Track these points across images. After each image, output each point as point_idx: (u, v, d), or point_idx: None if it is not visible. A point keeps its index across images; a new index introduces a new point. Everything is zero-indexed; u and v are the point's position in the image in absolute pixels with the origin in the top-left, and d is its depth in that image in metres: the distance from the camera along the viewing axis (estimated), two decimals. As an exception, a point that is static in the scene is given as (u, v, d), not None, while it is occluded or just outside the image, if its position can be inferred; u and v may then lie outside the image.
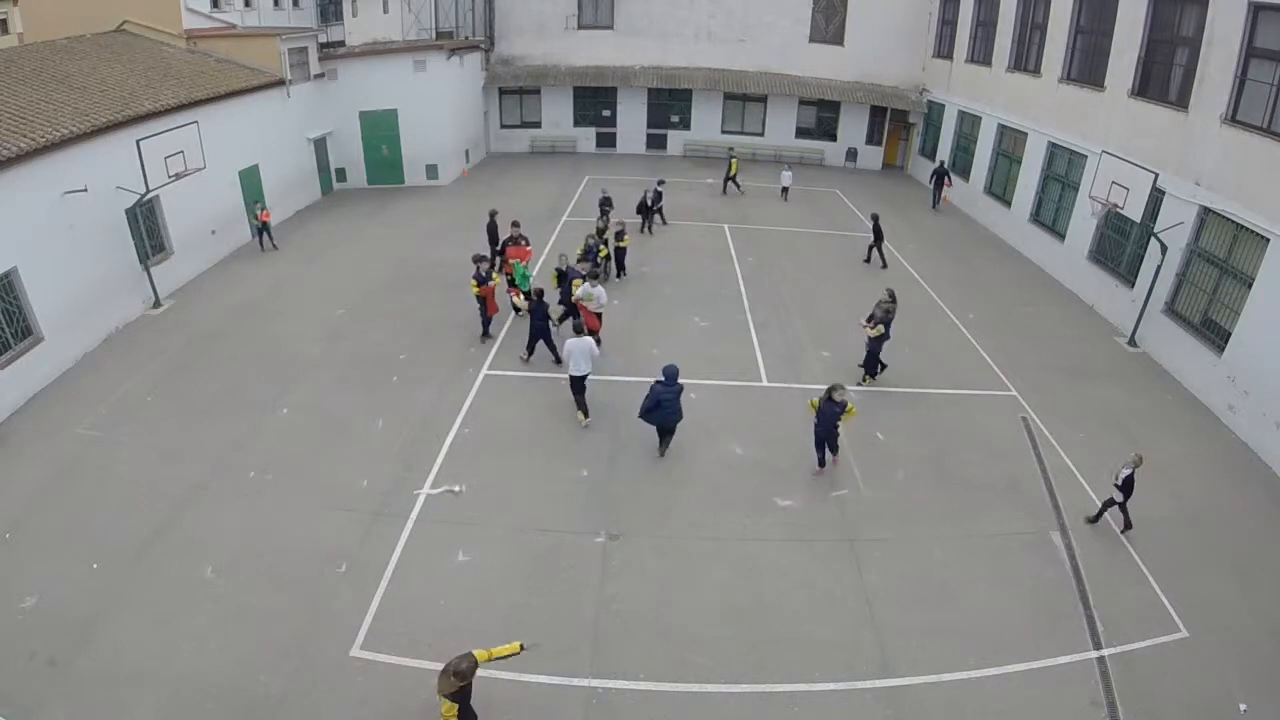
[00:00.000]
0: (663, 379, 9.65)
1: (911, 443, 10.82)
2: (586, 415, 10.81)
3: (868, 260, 17.71)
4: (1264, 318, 11.14)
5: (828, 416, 9.56)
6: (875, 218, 17.49)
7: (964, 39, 23.02)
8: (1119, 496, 9.01)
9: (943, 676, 7.22)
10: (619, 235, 15.21)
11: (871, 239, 17.51)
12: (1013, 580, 8.45)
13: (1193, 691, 7.15)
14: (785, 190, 22.67)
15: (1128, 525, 9.26)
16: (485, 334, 13.26)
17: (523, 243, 14.22)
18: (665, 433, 10.18)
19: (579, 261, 13.57)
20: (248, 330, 13.49)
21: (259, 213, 17.32)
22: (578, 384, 10.63)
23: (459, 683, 5.72)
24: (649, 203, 18.65)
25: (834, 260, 17.89)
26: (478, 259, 12.94)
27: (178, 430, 10.46)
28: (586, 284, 12.25)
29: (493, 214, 16.22)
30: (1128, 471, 8.91)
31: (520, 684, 6.92)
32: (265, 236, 17.36)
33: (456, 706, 5.76)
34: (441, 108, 22.70)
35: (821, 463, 10.03)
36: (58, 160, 11.62)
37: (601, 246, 14.61)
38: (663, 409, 9.72)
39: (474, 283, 12.77)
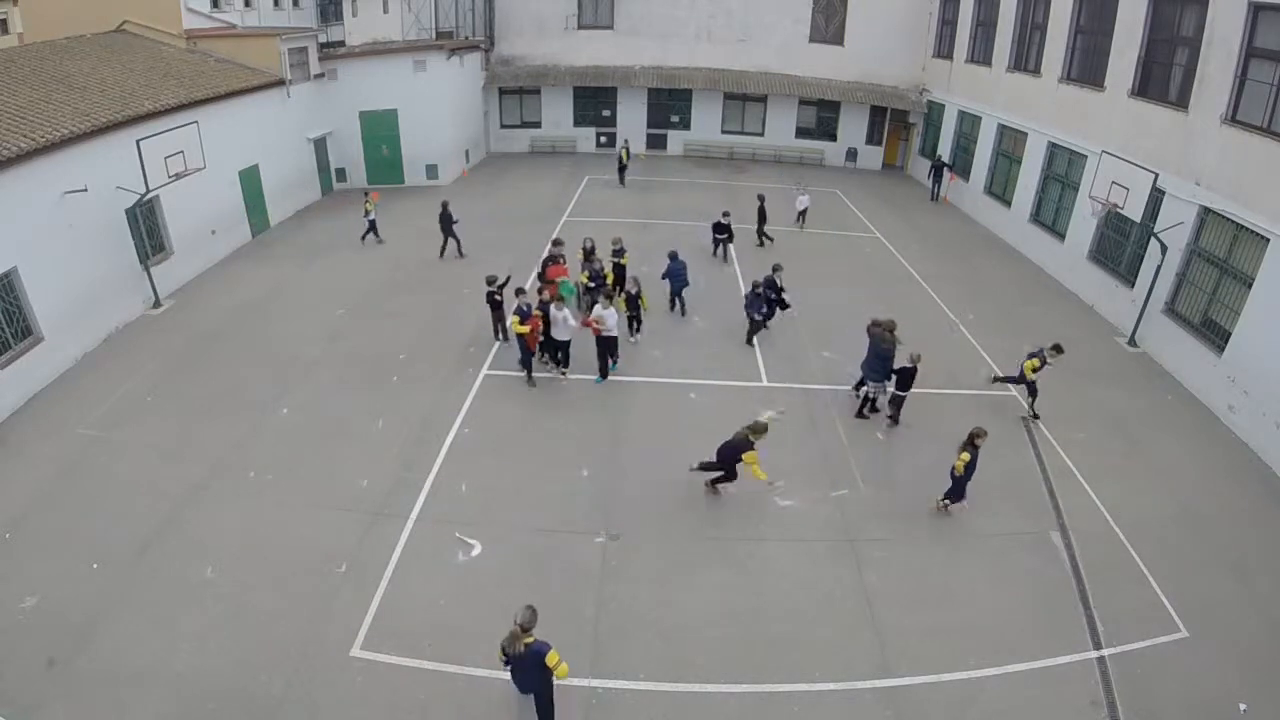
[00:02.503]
0: (670, 259, 14.04)
1: (911, 443, 10.82)
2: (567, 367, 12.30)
3: (760, 244, 18.36)
4: (1264, 318, 11.14)
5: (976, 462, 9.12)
6: (760, 199, 18.12)
7: (964, 39, 23.01)
8: (889, 385, 10.29)
9: (943, 676, 7.22)
10: (617, 253, 14.90)
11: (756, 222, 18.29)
12: (1013, 580, 8.45)
13: (1193, 691, 7.15)
14: (802, 214, 19.97)
15: (894, 418, 10.98)
16: (530, 378, 11.87)
17: (561, 261, 13.65)
18: (677, 295, 14.26)
19: (585, 292, 13.59)
20: (248, 330, 13.49)
21: (370, 193, 17.34)
22: (566, 346, 12.10)
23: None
24: (773, 292, 13.54)
25: (834, 260, 17.86)
26: (517, 291, 11.67)
27: (178, 430, 10.46)
28: (598, 305, 11.93)
29: (444, 204, 16.75)
30: (909, 364, 10.51)
31: (520, 684, 6.92)
32: (373, 228, 17.52)
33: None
34: (441, 108, 22.70)
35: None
36: (58, 160, 11.62)
37: (607, 271, 14.08)
38: (674, 276, 14.04)
39: (515, 319, 11.14)
